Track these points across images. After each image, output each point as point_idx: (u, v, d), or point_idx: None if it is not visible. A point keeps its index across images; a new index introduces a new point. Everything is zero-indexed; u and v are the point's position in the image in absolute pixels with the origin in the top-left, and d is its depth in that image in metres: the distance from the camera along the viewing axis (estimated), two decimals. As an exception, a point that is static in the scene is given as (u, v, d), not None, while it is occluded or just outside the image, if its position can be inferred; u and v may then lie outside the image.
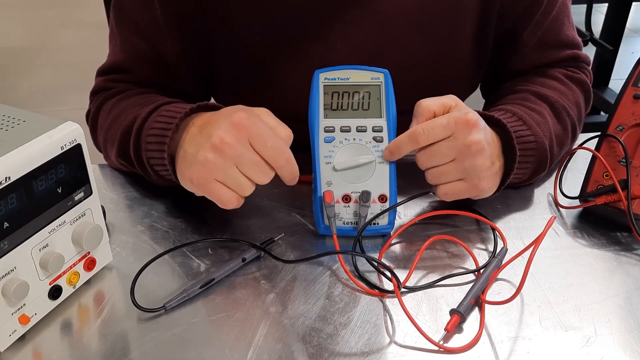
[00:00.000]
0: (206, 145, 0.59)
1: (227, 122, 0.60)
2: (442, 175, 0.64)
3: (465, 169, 0.62)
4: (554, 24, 0.80)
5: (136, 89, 0.77)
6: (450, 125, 0.61)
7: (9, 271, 0.50)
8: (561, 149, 0.74)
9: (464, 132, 0.61)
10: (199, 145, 0.60)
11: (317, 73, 0.66)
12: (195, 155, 0.60)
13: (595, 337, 0.54)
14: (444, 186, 0.64)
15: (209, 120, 0.62)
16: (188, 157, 0.61)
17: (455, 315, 0.54)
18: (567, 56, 0.83)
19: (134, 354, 0.52)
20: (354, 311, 0.56)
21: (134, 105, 0.72)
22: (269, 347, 0.52)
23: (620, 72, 2.37)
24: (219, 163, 0.59)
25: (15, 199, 0.48)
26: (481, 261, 0.62)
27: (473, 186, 0.64)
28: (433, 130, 0.62)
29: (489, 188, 0.65)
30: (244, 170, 0.60)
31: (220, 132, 0.59)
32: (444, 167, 0.63)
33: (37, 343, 0.53)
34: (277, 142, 0.60)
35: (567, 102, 0.77)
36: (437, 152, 0.62)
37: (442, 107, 0.64)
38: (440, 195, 0.65)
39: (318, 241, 0.66)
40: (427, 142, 0.62)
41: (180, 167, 0.62)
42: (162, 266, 0.62)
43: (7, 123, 0.53)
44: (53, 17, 3.67)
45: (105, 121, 0.75)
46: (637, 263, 0.63)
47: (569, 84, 0.80)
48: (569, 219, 0.69)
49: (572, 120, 0.76)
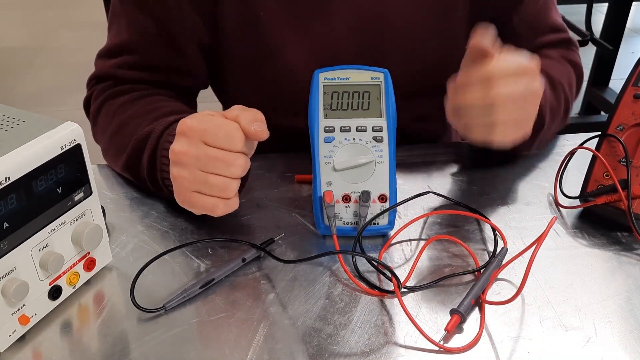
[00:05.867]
0: (171, 164, 0.60)
1: (177, 134, 0.60)
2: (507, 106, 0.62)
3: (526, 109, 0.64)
4: (543, 9, 0.83)
5: (141, 90, 0.77)
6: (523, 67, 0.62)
7: (8, 271, 0.50)
8: (553, 121, 0.76)
9: (533, 76, 0.63)
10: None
11: (317, 73, 0.65)
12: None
13: (596, 337, 0.54)
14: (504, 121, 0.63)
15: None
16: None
17: (455, 315, 0.54)
18: (558, 39, 0.85)
19: (134, 354, 0.52)
20: (354, 311, 0.56)
21: (143, 114, 0.72)
22: (269, 347, 0.52)
23: (620, 72, 2.37)
24: (184, 174, 0.59)
25: (15, 199, 0.48)
26: (481, 261, 0.62)
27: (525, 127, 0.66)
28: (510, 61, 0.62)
29: (524, 134, 0.66)
30: (210, 169, 0.58)
31: (174, 145, 0.60)
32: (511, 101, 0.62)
33: (37, 343, 0.53)
34: (228, 127, 0.58)
35: (562, 78, 0.79)
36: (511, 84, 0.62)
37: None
38: (497, 133, 0.64)
39: (318, 241, 0.66)
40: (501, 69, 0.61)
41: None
42: (162, 266, 0.62)
43: (7, 123, 0.53)
44: (53, 17, 3.67)
45: (109, 125, 0.75)
46: (637, 263, 0.63)
47: (563, 62, 0.83)
48: (569, 219, 0.69)
49: (566, 96, 0.78)
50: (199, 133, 0.58)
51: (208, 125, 0.59)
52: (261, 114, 0.60)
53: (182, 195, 0.61)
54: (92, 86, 0.81)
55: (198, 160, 0.58)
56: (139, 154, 0.69)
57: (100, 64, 0.81)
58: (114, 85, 0.78)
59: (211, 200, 0.60)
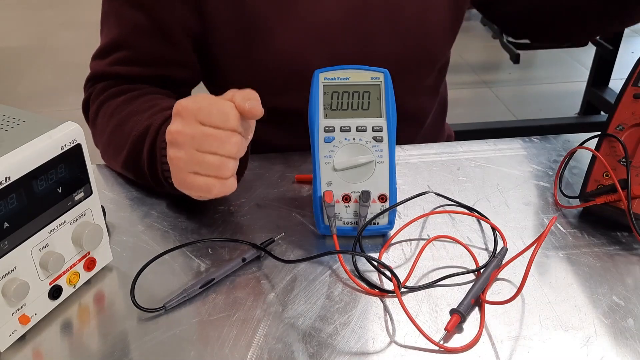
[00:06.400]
0: (168, 146, 0.60)
1: (173, 115, 0.60)
2: None
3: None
4: None
5: (139, 90, 0.77)
6: None
7: (9, 271, 0.50)
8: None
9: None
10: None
11: (317, 73, 0.66)
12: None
13: (595, 336, 0.54)
14: None
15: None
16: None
17: (455, 315, 0.54)
18: None
19: (134, 353, 0.52)
20: (354, 311, 0.56)
21: (141, 111, 0.72)
22: (269, 347, 0.52)
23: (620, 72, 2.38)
24: (181, 155, 0.59)
25: (15, 199, 0.48)
26: (481, 261, 0.62)
27: None
28: None
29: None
30: (205, 148, 0.58)
31: (170, 126, 0.60)
32: None
33: (37, 343, 0.53)
34: (221, 105, 0.58)
35: None
36: None
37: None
38: None
39: (318, 241, 0.66)
40: None
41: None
42: (162, 266, 0.62)
43: (7, 123, 0.53)
44: (53, 17, 3.67)
45: (108, 125, 0.75)
46: (637, 262, 0.63)
47: None
48: (569, 219, 0.69)
49: None
50: (194, 112, 0.58)
51: (202, 104, 0.58)
52: (255, 92, 0.60)
53: (178, 176, 0.60)
54: (89, 87, 0.81)
55: (193, 139, 0.58)
56: (139, 148, 0.69)
57: (95, 64, 0.81)
58: (111, 85, 0.79)
59: (207, 180, 0.59)
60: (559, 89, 2.98)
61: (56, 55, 3.20)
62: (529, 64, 3.23)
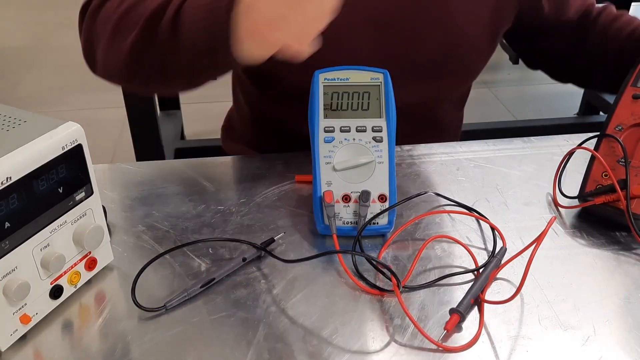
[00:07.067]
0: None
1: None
2: None
3: None
4: None
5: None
6: None
7: (10, 271, 0.50)
8: None
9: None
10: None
11: (317, 73, 0.66)
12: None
13: (595, 336, 0.54)
14: None
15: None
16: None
17: (454, 314, 0.54)
18: (588, 5, 0.91)
19: (134, 353, 0.52)
20: (353, 311, 0.57)
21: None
22: (269, 347, 0.53)
23: (619, 72, 2.37)
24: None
25: (17, 199, 0.48)
26: (480, 261, 0.63)
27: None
28: None
29: None
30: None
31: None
32: None
33: (38, 343, 0.53)
34: None
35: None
36: None
37: None
38: None
39: (318, 241, 0.66)
40: None
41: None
42: (162, 266, 0.62)
43: (8, 123, 0.53)
44: (53, 17, 3.67)
45: (118, 8, 0.67)
46: (636, 262, 0.63)
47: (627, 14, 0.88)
48: (568, 219, 0.69)
49: None
50: None
51: None
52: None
53: (255, 24, 0.51)
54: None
55: None
56: (162, 10, 0.60)
57: None
58: None
59: (290, 35, 0.51)
60: (558, 89, 2.97)
61: (56, 55, 3.20)
62: (528, 64, 3.23)
